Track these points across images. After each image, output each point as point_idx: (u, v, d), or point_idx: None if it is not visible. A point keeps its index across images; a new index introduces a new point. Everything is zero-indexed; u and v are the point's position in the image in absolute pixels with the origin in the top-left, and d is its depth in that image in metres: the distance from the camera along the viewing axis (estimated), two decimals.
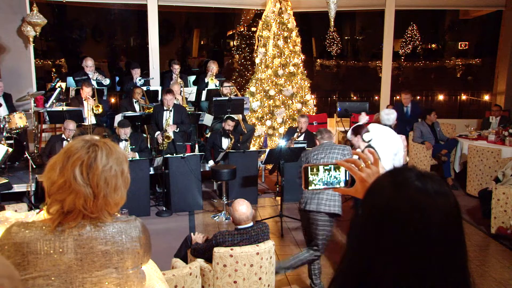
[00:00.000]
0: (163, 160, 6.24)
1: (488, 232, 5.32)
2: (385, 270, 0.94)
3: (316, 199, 3.93)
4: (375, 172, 1.33)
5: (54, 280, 1.41)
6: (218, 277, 3.21)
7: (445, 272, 0.92)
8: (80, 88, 7.04)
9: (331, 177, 1.39)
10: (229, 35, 15.58)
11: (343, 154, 3.99)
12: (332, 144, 4.11)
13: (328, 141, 4.14)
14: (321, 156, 4.03)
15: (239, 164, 6.15)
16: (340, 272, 1.02)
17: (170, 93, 6.45)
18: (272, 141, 7.92)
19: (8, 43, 7.55)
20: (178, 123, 6.52)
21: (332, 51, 17.97)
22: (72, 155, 1.43)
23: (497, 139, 6.85)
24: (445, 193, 0.96)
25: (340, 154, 3.99)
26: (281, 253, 4.80)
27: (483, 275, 4.34)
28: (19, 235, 1.41)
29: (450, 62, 18.71)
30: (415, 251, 0.92)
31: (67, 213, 1.43)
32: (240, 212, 3.35)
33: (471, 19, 15.41)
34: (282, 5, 8.09)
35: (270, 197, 6.83)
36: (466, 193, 6.75)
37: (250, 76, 9.44)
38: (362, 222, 1.00)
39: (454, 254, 0.94)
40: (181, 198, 6.15)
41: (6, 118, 6.30)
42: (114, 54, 15.14)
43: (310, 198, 3.96)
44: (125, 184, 1.51)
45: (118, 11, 13.41)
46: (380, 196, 0.98)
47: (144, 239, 1.56)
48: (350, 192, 1.39)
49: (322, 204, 3.89)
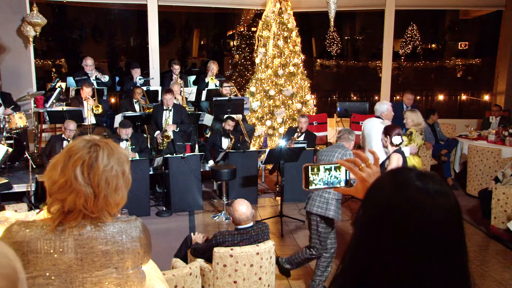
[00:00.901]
0: (163, 160, 6.24)
1: (488, 232, 5.32)
2: (385, 270, 0.94)
3: (311, 199, 3.97)
4: (376, 172, 1.33)
5: (54, 279, 1.41)
6: (218, 277, 3.21)
7: (445, 272, 0.92)
8: (80, 88, 7.04)
9: (332, 177, 1.39)
10: (229, 35, 15.59)
11: (343, 154, 3.94)
12: (338, 145, 4.07)
13: (338, 142, 4.10)
14: (323, 157, 4.02)
15: (239, 164, 6.16)
16: (340, 272, 1.02)
17: (169, 93, 6.44)
18: (272, 141, 7.92)
19: (8, 43, 7.55)
20: (177, 123, 6.52)
21: (332, 51, 17.98)
22: (73, 155, 1.43)
23: (497, 139, 6.85)
24: (446, 193, 0.96)
25: (338, 153, 3.95)
26: (281, 253, 4.80)
27: (483, 275, 4.34)
28: (20, 234, 1.41)
29: (450, 62, 18.71)
30: (415, 251, 0.92)
31: (68, 212, 1.43)
32: (240, 212, 3.35)
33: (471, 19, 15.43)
34: (282, 5, 8.09)
35: (270, 197, 6.83)
36: (466, 193, 6.75)
37: (250, 76, 9.44)
38: (362, 222, 1.00)
39: (454, 254, 0.94)
40: (181, 198, 6.15)
41: (6, 118, 6.30)
42: (114, 54, 15.15)
43: (308, 198, 4.02)
44: (126, 185, 1.51)
45: (118, 11, 13.42)
46: (380, 196, 0.98)
47: (144, 239, 1.56)
48: (350, 192, 1.39)
49: (314, 206, 3.93)
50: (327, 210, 3.87)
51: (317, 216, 3.93)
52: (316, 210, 3.91)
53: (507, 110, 8.58)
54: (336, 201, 3.91)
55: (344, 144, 4.05)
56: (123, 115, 6.53)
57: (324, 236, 3.95)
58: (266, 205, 6.51)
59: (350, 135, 4.10)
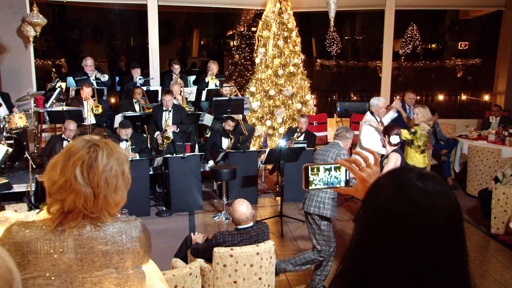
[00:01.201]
0: (163, 160, 6.24)
1: (488, 232, 5.32)
2: (386, 270, 0.94)
3: (308, 200, 4.00)
4: (376, 171, 1.33)
5: (54, 280, 1.41)
6: (218, 277, 3.20)
7: (445, 272, 0.92)
8: (80, 88, 7.04)
9: (332, 177, 1.39)
10: (229, 35, 15.58)
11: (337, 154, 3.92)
12: (333, 145, 4.09)
13: (334, 141, 4.12)
14: (318, 157, 4.03)
15: (239, 164, 6.15)
16: (341, 272, 1.02)
17: (169, 94, 6.44)
18: (272, 141, 7.92)
19: (8, 43, 7.55)
20: (177, 123, 6.52)
21: (332, 51, 17.96)
22: (73, 155, 1.42)
23: (497, 139, 6.84)
24: (446, 193, 0.96)
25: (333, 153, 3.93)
26: (281, 253, 4.80)
27: (483, 275, 4.34)
28: (19, 234, 1.41)
29: (450, 62, 18.72)
30: (415, 251, 0.92)
31: (68, 212, 1.43)
32: (240, 212, 3.35)
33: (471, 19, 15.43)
34: (282, 5, 8.09)
35: (270, 197, 6.83)
36: (466, 193, 6.75)
37: (250, 76, 9.44)
38: (362, 222, 1.00)
39: (455, 254, 0.94)
40: (181, 198, 6.15)
41: (6, 118, 6.30)
42: (114, 54, 15.15)
43: (305, 199, 4.04)
44: (126, 185, 1.51)
45: (118, 11, 13.41)
46: (381, 196, 0.98)
47: (144, 239, 1.55)
48: (350, 192, 1.39)
49: (311, 206, 3.94)
50: (324, 209, 3.89)
51: (316, 215, 3.93)
52: (313, 210, 3.92)
53: (507, 110, 8.57)
54: (332, 200, 3.93)
55: (340, 142, 4.06)
56: (123, 115, 6.53)
57: (327, 234, 3.96)
58: (266, 205, 6.51)
59: (347, 133, 4.09)
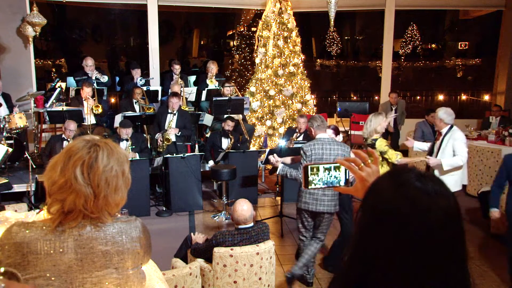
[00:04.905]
0: (163, 160, 6.24)
1: (488, 232, 5.32)
2: (386, 270, 0.94)
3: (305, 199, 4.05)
4: (375, 171, 1.32)
5: (54, 280, 1.41)
6: (218, 277, 3.20)
7: (445, 272, 0.92)
8: (80, 88, 7.04)
9: (331, 177, 1.39)
10: (229, 35, 15.58)
11: (343, 150, 4.02)
12: (332, 140, 4.13)
13: (328, 138, 4.15)
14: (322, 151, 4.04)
15: (239, 164, 6.15)
16: (341, 273, 1.02)
17: (176, 97, 6.47)
18: (272, 141, 7.92)
19: (8, 43, 7.56)
20: (180, 127, 6.52)
21: (332, 51, 17.97)
22: (73, 155, 1.42)
23: (497, 139, 6.84)
24: (445, 193, 0.96)
25: (341, 150, 4.03)
26: (281, 253, 4.80)
27: (483, 275, 4.34)
28: (20, 235, 1.41)
29: (450, 62, 18.73)
30: (415, 251, 0.92)
31: (68, 213, 1.43)
32: (240, 212, 3.35)
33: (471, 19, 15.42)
34: (282, 5, 8.09)
35: (270, 197, 6.83)
36: (466, 193, 6.75)
37: (250, 76, 9.44)
38: (362, 223, 1.00)
39: (454, 254, 0.94)
40: (181, 198, 6.15)
41: (6, 118, 6.30)
42: (114, 54, 15.15)
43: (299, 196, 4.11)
44: (126, 185, 1.51)
45: (118, 11, 13.41)
46: (380, 197, 0.98)
47: (144, 239, 1.56)
48: (350, 191, 1.39)
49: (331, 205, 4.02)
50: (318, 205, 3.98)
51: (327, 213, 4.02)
52: (334, 209, 4.04)
53: (507, 110, 8.58)
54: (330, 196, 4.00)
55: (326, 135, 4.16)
56: (123, 115, 6.53)
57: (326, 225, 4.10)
58: (266, 205, 6.51)
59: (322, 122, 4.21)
